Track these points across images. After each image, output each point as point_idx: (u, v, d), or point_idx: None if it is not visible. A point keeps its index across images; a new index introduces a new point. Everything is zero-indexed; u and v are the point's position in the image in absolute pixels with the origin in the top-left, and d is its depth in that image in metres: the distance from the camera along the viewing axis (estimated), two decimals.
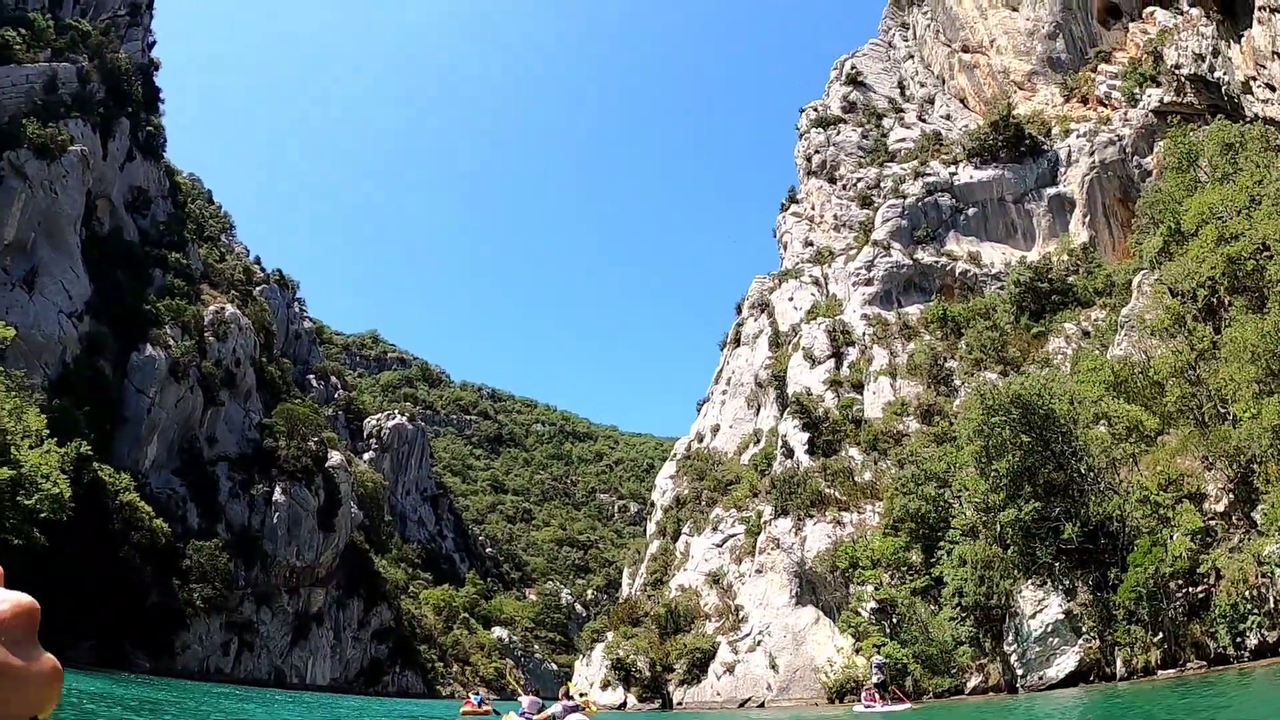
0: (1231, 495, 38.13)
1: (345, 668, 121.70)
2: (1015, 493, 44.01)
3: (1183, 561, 36.12)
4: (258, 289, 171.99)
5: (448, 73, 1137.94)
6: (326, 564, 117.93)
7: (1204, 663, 35.48)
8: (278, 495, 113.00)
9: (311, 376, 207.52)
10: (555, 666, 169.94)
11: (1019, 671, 43.07)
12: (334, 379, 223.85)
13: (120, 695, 41.58)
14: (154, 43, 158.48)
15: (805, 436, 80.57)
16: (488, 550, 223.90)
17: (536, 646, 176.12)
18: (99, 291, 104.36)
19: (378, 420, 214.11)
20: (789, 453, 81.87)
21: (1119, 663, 38.90)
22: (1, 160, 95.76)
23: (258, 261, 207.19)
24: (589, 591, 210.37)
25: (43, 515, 62.54)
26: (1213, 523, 37.85)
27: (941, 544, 51.47)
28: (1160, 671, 36.57)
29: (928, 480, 56.15)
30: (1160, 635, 36.93)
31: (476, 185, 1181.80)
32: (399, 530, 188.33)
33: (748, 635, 67.98)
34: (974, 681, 48.09)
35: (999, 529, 45.14)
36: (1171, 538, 37.21)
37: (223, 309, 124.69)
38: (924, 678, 49.56)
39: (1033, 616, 42.73)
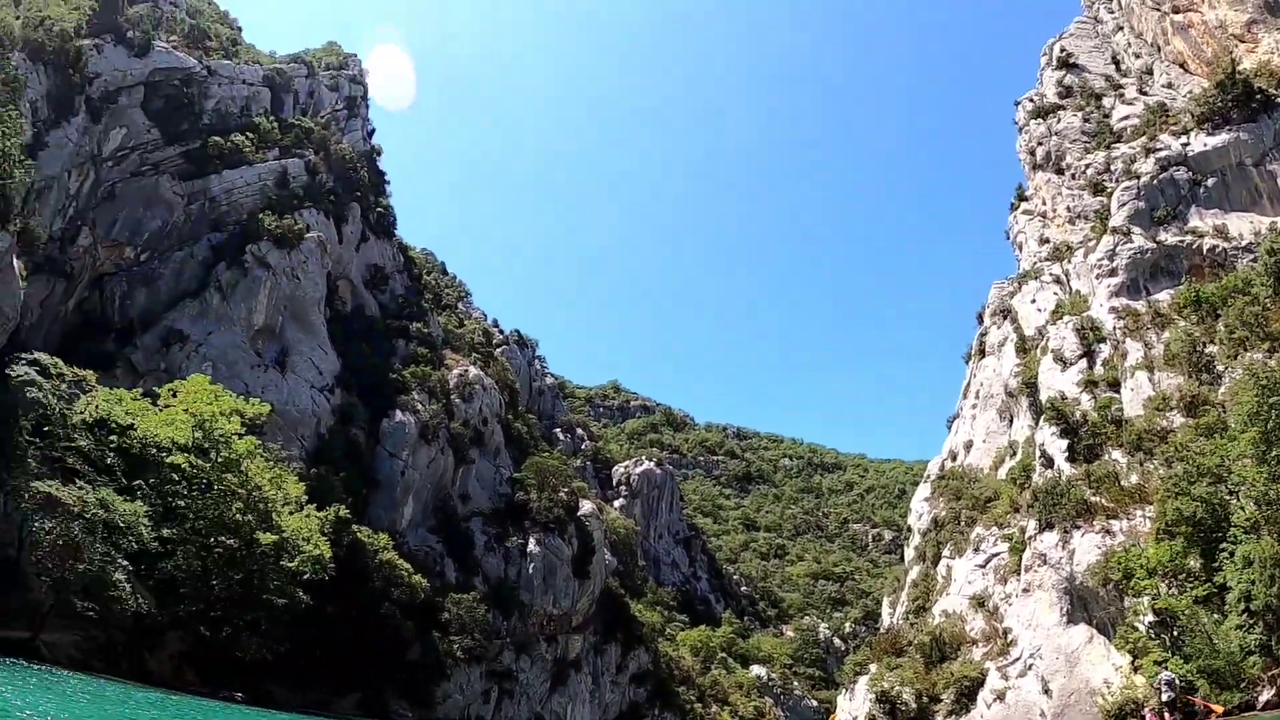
0: None
1: (604, 712, 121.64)
2: None
3: None
4: (498, 350, 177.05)
5: (654, 108, 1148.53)
6: (583, 611, 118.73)
7: None
8: (532, 546, 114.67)
9: (558, 430, 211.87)
10: (815, 703, 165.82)
11: None
12: (580, 430, 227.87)
13: None
14: (373, 130, 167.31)
15: (1064, 443, 75.90)
16: (742, 589, 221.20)
17: (795, 683, 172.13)
18: (347, 365, 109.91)
19: (625, 467, 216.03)
20: (1048, 462, 77.33)
21: None
22: (245, 253, 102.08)
23: (495, 324, 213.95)
24: (847, 624, 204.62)
25: (305, 576, 64.91)
26: None
27: (1223, 545, 47.02)
28: None
29: (1200, 477, 51.51)
30: None
31: (697, 228, 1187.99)
32: (653, 574, 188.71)
33: (1017, 659, 63.99)
34: (1266, 695, 43.24)
35: None
36: None
37: (466, 371, 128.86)
38: (1210, 694, 45.00)
39: None
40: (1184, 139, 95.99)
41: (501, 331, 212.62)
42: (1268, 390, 40.72)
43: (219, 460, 62.98)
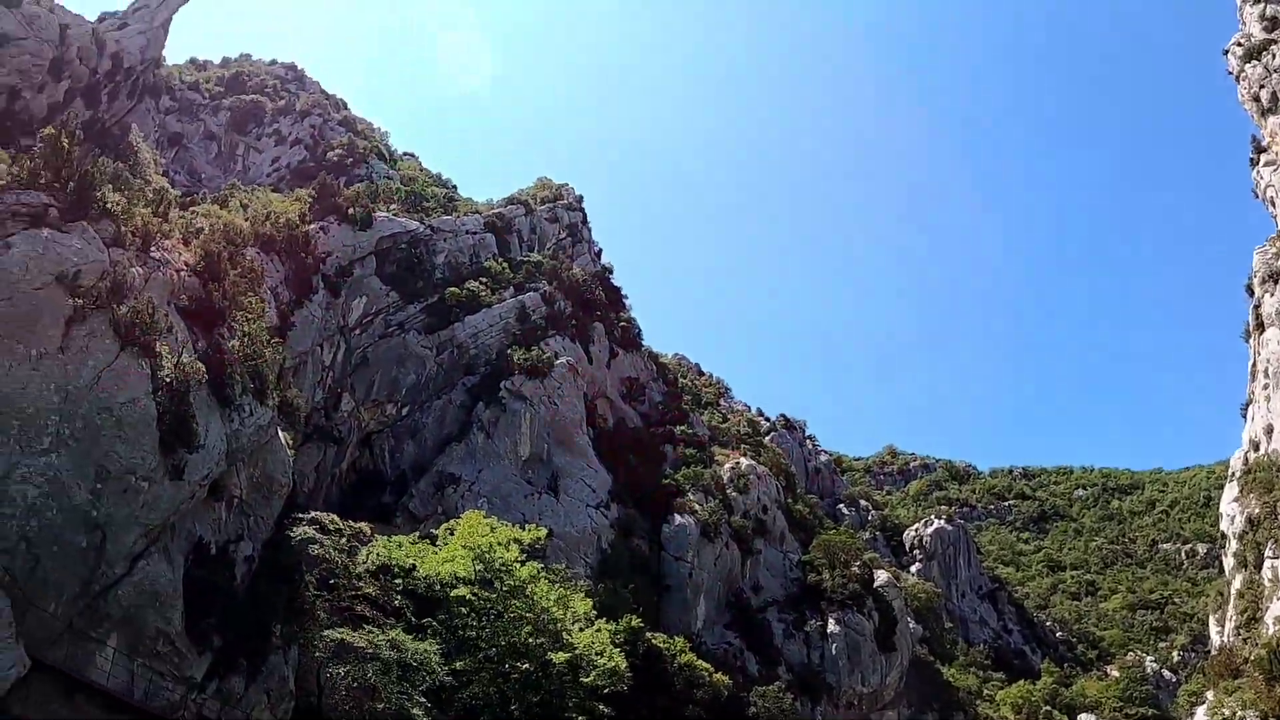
0: None
1: None
2: None
3: None
4: (767, 438, 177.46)
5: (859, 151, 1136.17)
6: (893, 684, 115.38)
7: None
8: (831, 626, 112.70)
9: (840, 505, 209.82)
10: None
11: None
12: (863, 502, 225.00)
13: None
14: (600, 251, 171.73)
15: None
16: (1057, 634, 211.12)
17: None
18: (618, 478, 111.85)
19: (916, 530, 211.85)
20: None
21: None
22: (500, 390, 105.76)
23: (760, 413, 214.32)
24: (1174, 653, 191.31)
25: (605, 690, 65.37)
26: None
27: None
28: None
29: None
30: None
31: (930, 273, 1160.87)
32: (961, 634, 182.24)
33: None
34: None
35: None
36: None
37: (738, 463, 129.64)
38: None
39: None
40: None
41: (767, 419, 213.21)
42: None
43: (504, 589, 64.67)
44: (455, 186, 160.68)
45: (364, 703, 46.80)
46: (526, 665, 62.43)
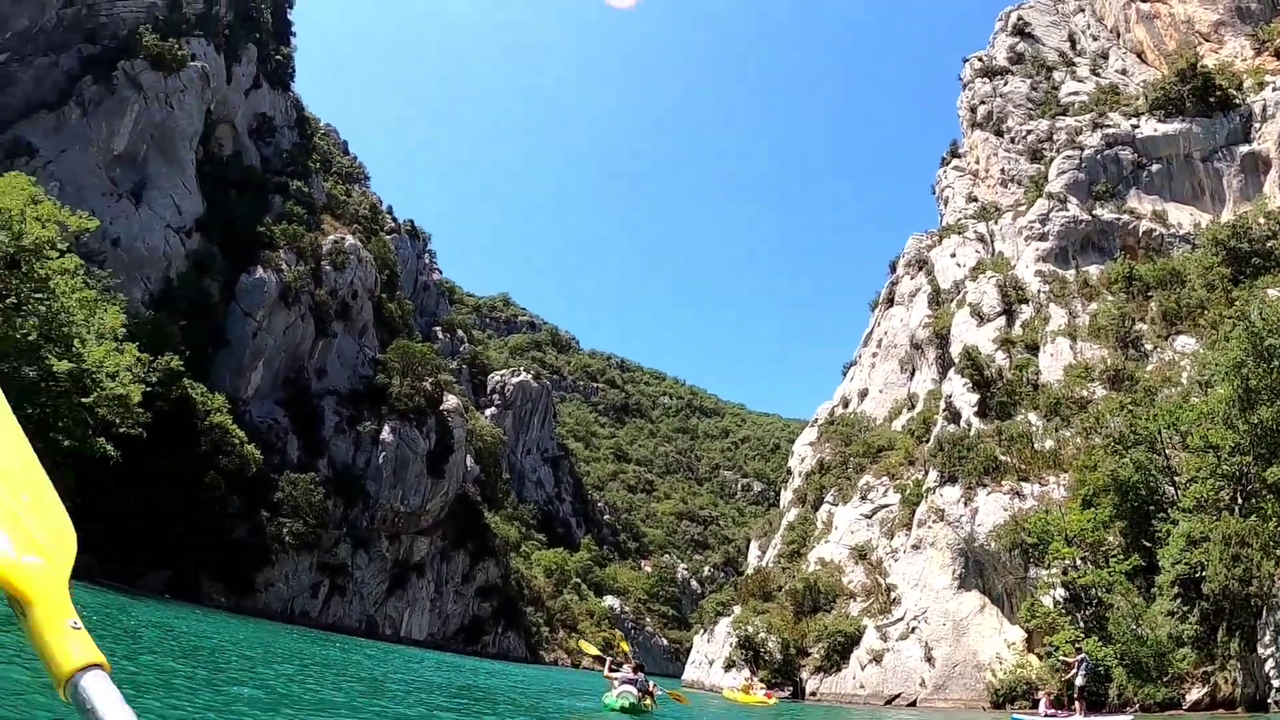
0: None
1: (444, 623, 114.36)
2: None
3: None
4: (387, 235, 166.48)
5: (586, 34, 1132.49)
6: (433, 512, 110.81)
7: None
8: (386, 434, 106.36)
9: (438, 329, 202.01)
10: (665, 641, 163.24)
11: (1276, 684, 32.53)
12: (460, 333, 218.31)
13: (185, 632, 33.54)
14: None
15: (975, 398, 70.00)
16: (606, 517, 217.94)
17: (648, 619, 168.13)
18: (212, 211, 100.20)
19: (502, 376, 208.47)
20: (953, 416, 71.41)
21: None
22: (116, 70, 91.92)
23: (389, 211, 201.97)
24: (706, 568, 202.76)
25: (118, 425, 55.05)
26: None
27: (1159, 518, 40.91)
28: None
29: (1137, 444, 45.40)
30: None
31: (611, 151, 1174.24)
32: (516, 489, 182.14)
33: (900, 620, 57.80)
34: (1196, 694, 37.16)
35: (1245, 497, 35.34)
36: None
37: (343, 239, 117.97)
38: (1129, 685, 38.62)
39: None
40: (1134, 121, 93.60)
41: (394, 219, 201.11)
42: (1259, 337, 34.38)
43: (30, 275, 52.81)
44: None
45: None
46: (31, 371, 51.30)
